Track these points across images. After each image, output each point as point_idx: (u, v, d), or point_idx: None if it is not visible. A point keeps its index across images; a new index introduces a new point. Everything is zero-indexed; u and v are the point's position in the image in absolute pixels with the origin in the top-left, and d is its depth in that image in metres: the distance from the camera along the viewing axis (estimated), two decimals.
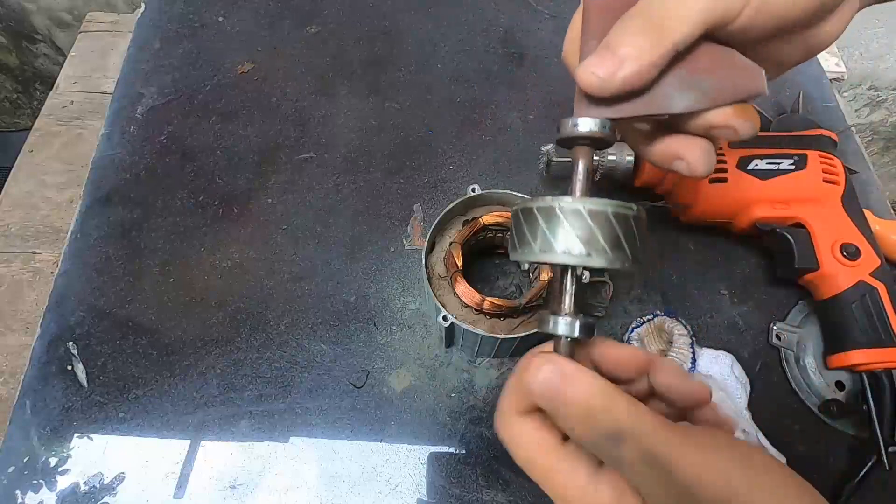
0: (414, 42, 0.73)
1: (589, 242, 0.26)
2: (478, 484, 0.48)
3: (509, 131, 0.66)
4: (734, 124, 0.27)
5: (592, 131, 0.28)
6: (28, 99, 1.32)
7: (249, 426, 0.50)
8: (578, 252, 0.26)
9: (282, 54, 0.71)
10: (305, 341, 0.53)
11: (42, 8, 1.12)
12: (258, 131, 0.65)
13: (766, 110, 0.66)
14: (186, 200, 0.60)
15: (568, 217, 0.26)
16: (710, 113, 0.27)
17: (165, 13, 0.74)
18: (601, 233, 0.26)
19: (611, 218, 0.26)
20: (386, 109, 0.67)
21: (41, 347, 0.52)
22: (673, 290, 0.57)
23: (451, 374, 0.52)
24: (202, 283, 0.56)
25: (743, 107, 0.27)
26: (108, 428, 0.49)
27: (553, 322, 0.28)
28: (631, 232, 0.26)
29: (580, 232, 0.26)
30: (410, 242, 0.59)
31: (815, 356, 0.52)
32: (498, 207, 0.51)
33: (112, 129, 0.64)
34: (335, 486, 0.48)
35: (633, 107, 0.28)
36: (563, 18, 0.76)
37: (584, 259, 0.26)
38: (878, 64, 1.23)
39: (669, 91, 0.27)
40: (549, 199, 0.27)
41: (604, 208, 0.26)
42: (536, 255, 0.27)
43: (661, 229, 0.60)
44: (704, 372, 0.51)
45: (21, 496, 0.46)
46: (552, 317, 0.28)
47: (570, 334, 0.27)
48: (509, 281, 0.57)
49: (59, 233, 0.64)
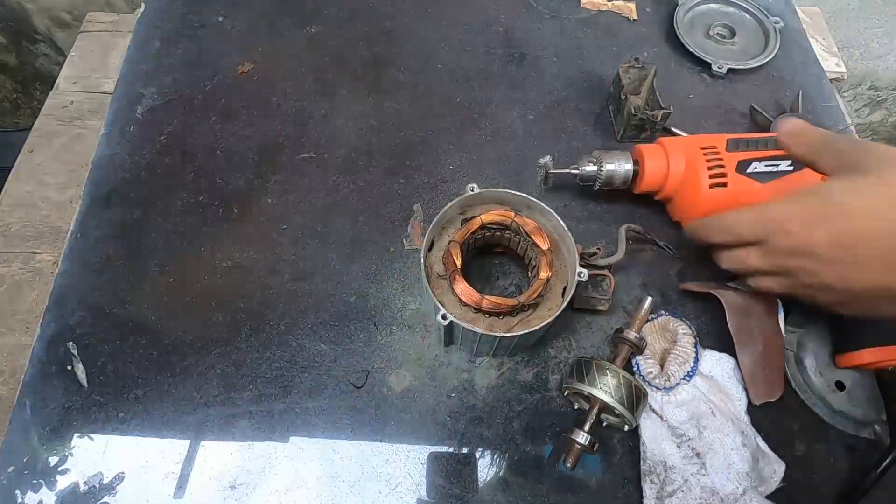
0: (414, 42, 0.73)
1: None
2: (478, 484, 0.48)
3: (509, 131, 0.66)
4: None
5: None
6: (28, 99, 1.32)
7: (249, 426, 0.50)
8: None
9: (282, 54, 0.71)
10: (305, 341, 0.53)
11: (42, 8, 1.12)
12: (258, 131, 0.65)
13: (765, 110, 0.66)
14: (186, 200, 0.60)
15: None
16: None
17: (165, 13, 0.74)
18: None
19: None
20: (386, 109, 0.67)
21: (41, 347, 0.52)
22: (675, 291, 0.57)
23: (451, 374, 0.52)
24: (202, 283, 0.56)
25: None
26: (108, 428, 0.49)
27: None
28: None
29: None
30: (410, 242, 0.59)
31: (816, 356, 0.52)
32: (497, 206, 0.51)
33: (112, 129, 0.65)
34: (335, 486, 0.48)
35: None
36: (563, 18, 0.76)
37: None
38: (878, 64, 1.23)
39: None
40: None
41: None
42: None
43: (660, 229, 0.60)
44: (706, 373, 0.51)
45: (21, 496, 0.46)
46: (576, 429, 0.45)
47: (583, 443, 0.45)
48: (508, 280, 0.57)
49: (59, 233, 0.64)
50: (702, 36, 0.75)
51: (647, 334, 0.53)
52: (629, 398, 0.45)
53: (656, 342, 0.53)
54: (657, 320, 0.54)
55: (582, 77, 0.71)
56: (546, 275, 0.48)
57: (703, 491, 0.45)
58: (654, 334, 0.53)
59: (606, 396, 0.44)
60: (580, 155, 0.58)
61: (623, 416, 0.45)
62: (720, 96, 0.71)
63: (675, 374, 0.49)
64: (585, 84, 0.71)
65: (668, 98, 0.64)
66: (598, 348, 0.54)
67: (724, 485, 0.45)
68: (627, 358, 0.50)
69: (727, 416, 0.48)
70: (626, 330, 0.50)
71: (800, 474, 0.48)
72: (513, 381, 0.52)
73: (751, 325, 0.51)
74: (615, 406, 0.44)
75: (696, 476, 0.46)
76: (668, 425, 0.48)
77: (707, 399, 0.49)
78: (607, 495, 0.48)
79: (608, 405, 0.45)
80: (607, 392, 0.45)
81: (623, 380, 0.45)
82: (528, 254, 0.53)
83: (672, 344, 0.52)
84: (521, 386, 0.52)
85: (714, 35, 0.74)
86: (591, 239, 0.59)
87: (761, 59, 0.72)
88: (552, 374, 0.52)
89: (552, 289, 0.49)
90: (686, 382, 0.49)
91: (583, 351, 0.54)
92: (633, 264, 0.58)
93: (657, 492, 0.46)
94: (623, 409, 0.44)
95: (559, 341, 0.54)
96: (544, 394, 0.51)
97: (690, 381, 0.49)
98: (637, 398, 0.45)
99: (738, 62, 0.71)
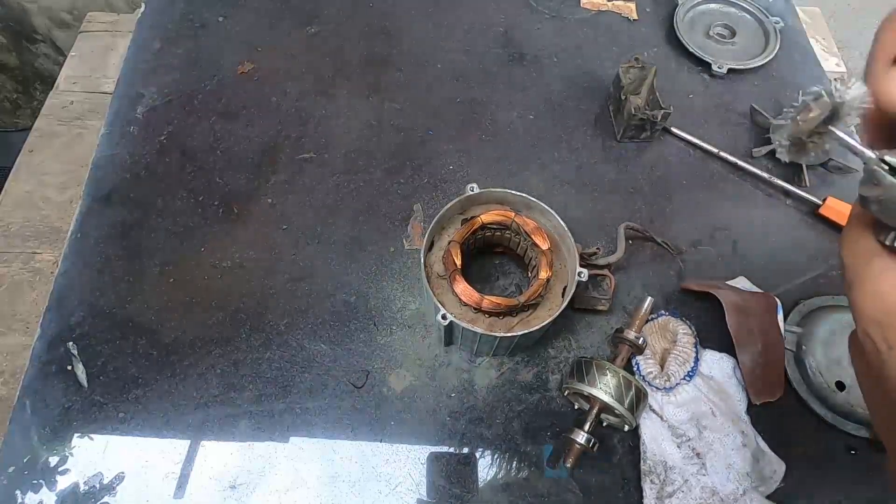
0: (414, 42, 0.73)
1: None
2: (478, 484, 0.48)
3: (509, 131, 0.66)
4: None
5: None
6: (28, 99, 1.32)
7: (249, 426, 0.49)
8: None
9: (282, 54, 0.71)
10: (305, 341, 0.53)
11: (42, 8, 1.12)
12: (258, 131, 0.65)
13: (765, 110, 0.66)
14: (186, 200, 0.60)
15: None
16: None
17: (165, 13, 0.74)
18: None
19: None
20: (386, 109, 0.67)
21: (41, 347, 0.52)
22: (675, 291, 0.57)
23: (451, 374, 0.52)
24: (202, 283, 0.56)
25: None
26: (108, 428, 0.49)
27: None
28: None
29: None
30: (410, 242, 0.59)
31: (815, 356, 0.52)
32: (497, 206, 0.51)
33: (112, 129, 0.64)
34: (335, 486, 0.48)
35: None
36: (563, 18, 0.76)
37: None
38: None
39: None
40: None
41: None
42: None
43: (659, 227, 0.60)
44: (706, 373, 0.51)
45: (21, 496, 0.46)
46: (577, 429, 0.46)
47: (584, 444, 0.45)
48: (508, 280, 0.57)
49: (59, 233, 0.64)
50: (702, 36, 0.75)
51: (647, 334, 0.53)
52: (629, 398, 0.45)
53: (656, 342, 0.53)
54: (657, 320, 0.54)
55: (582, 77, 0.71)
56: (546, 275, 0.48)
57: (703, 491, 0.45)
58: (654, 334, 0.53)
59: (606, 396, 0.44)
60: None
61: (623, 416, 0.45)
62: (720, 96, 0.71)
63: (675, 374, 0.49)
64: (585, 84, 0.71)
65: (668, 98, 0.64)
66: (598, 348, 0.54)
67: (724, 485, 0.45)
68: (627, 358, 0.50)
69: (727, 416, 0.48)
70: (626, 330, 0.50)
71: (800, 474, 0.48)
72: (513, 381, 0.52)
73: (751, 325, 0.51)
74: (615, 406, 0.44)
75: (696, 476, 0.46)
76: (668, 425, 0.48)
77: (707, 399, 0.49)
78: (607, 495, 0.48)
79: (608, 405, 0.45)
80: (607, 392, 0.45)
81: (623, 380, 0.45)
82: (528, 254, 0.53)
83: (672, 344, 0.52)
84: (521, 386, 0.52)
85: (714, 35, 0.74)
86: (591, 239, 0.59)
87: (761, 59, 0.72)
88: (552, 374, 0.52)
89: (552, 289, 0.49)
90: (686, 382, 0.49)
91: (583, 351, 0.54)
92: (633, 264, 0.58)
93: (657, 492, 0.46)
94: (623, 409, 0.44)
95: (559, 341, 0.54)
96: (544, 394, 0.51)
97: (690, 381, 0.49)
98: (637, 398, 0.45)
99: (738, 62, 0.71)
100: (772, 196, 0.64)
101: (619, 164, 0.65)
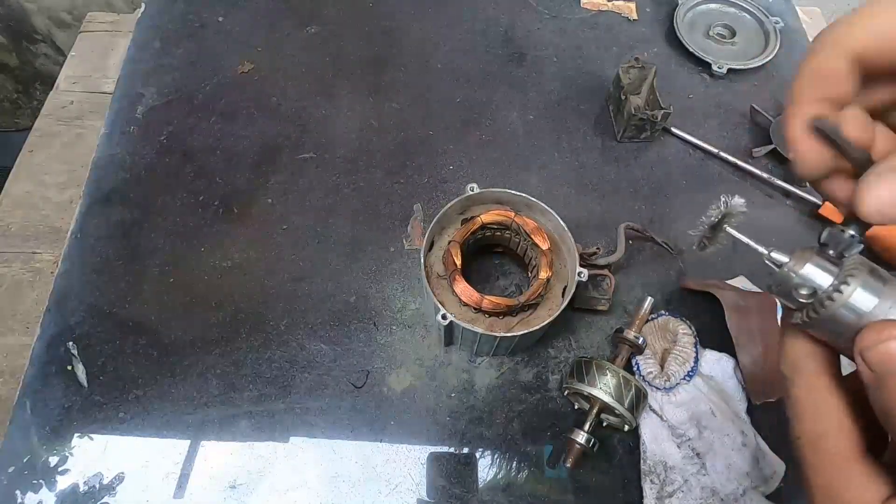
0: (414, 42, 0.73)
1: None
2: (478, 484, 0.48)
3: (509, 131, 0.66)
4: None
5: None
6: (28, 99, 1.32)
7: (249, 426, 0.49)
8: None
9: (282, 54, 0.71)
10: (305, 341, 0.53)
11: (42, 8, 1.12)
12: (258, 131, 0.65)
13: (765, 110, 0.66)
14: (186, 200, 0.60)
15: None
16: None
17: (165, 13, 0.74)
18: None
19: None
20: (386, 109, 0.67)
21: (41, 347, 0.52)
22: (675, 291, 0.57)
23: (451, 374, 0.52)
24: (202, 283, 0.56)
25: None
26: (108, 428, 0.49)
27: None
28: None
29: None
30: (410, 242, 0.59)
31: None
32: (497, 206, 0.51)
33: (112, 129, 0.64)
34: (335, 486, 0.48)
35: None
36: (563, 18, 0.76)
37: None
38: None
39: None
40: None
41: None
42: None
43: (659, 227, 0.60)
44: (706, 373, 0.51)
45: (21, 496, 0.46)
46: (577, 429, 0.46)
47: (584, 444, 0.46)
48: (508, 280, 0.57)
49: (59, 233, 0.64)
50: (702, 36, 0.75)
51: (647, 334, 0.53)
52: (629, 398, 0.45)
53: (656, 342, 0.53)
54: (657, 320, 0.54)
55: (582, 77, 0.71)
56: (546, 275, 0.48)
57: (703, 491, 0.45)
58: (654, 334, 0.53)
59: (606, 396, 0.45)
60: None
61: (623, 416, 0.45)
62: (720, 96, 0.71)
63: (675, 374, 0.49)
64: (585, 84, 0.71)
65: (668, 98, 0.64)
66: (598, 348, 0.54)
67: (724, 485, 0.46)
68: (627, 358, 0.50)
69: (727, 416, 0.48)
70: (626, 330, 0.50)
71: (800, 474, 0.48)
72: (513, 381, 0.52)
73: (751, 325, 0.51)
74: (615, 406, 0.44)
75: (696, 476, 0.46)
76: (668, 425, 0.48)
77: (707, 399, 0.49)
78: (607, 495, 0.48)
79: (608, 405, 0.45)
80: (607, 392, 0.45)
81: (623, 380, 0.45)
82: (528, 254, 0.53)
83: (672, 344, 0.52)
84: (521, 386, 0.52)
85: (714, 35, 0.74)
86: (591, 239, 0.59)
87: (761, 59, 0.72)
88: (552, 374, 0.52)
89: (552, 289, 0.49)
90: (686, 382, 0.49)
91: (583, 351, 0.54)
92: (633, 264, 0.58)
93: (657, 492, 0.46)
94: (623, 409, 0.44)
95: (559, 341, 0.54)
96: (544, 394, 0.51)
97: (690, 381, 0.49)
98: (637, 398, 0.45)
99: (738, 62, 0.71)
100: (772, 196, 0.64)
101: (619, 164, 0.65)
